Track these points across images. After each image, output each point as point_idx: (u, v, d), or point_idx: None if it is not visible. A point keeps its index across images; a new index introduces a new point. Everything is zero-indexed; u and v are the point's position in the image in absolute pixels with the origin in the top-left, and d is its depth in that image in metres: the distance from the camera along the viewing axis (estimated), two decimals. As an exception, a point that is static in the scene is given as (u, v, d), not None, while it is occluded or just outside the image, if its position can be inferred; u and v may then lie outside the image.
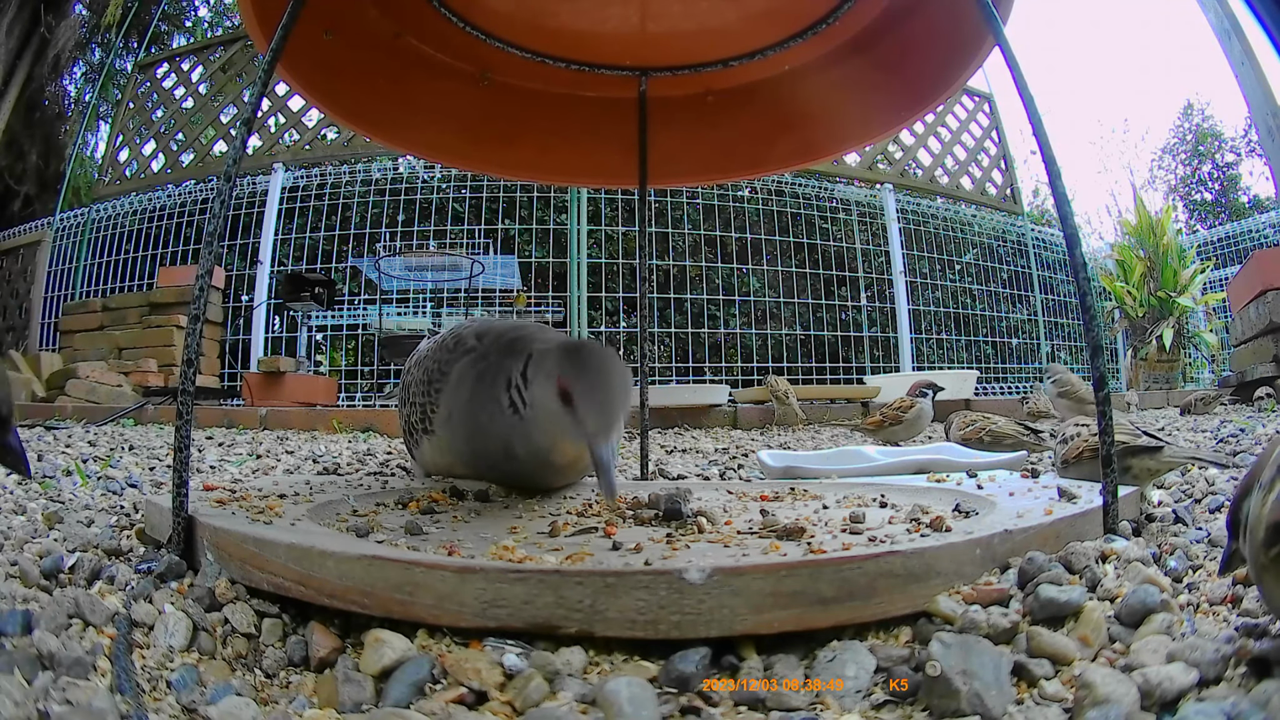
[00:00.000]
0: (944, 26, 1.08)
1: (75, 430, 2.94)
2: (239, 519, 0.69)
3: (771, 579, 0.50)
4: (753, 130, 1.37)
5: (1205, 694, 0.42)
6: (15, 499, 1.10)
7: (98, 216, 5.86)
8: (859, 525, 0.70)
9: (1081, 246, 0.80)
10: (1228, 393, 3.63)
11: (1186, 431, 2.21)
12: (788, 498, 0.93)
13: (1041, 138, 0.78)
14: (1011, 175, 6.37)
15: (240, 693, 0.47)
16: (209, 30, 9.82)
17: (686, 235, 5.64)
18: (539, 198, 5.32)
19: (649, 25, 1.20)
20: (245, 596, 0.59)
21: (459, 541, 0.68)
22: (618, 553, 0.63)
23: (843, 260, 5.78)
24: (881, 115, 1.28)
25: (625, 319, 5.74)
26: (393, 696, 0.46)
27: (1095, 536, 0.68)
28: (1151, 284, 6.09)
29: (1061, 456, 1.07)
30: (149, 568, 0.65)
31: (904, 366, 5.49)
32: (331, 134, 5.56)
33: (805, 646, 0.51)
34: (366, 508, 0.85)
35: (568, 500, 0.93)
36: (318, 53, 1.07)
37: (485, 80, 1.28)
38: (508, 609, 0.50)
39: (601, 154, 1.44)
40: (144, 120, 5.98)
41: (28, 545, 0.76)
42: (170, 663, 0.51)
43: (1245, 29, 3.56)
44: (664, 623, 0.49)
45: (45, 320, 5.76)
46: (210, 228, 0.76)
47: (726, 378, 5.12)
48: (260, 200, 5.35)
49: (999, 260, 6.28)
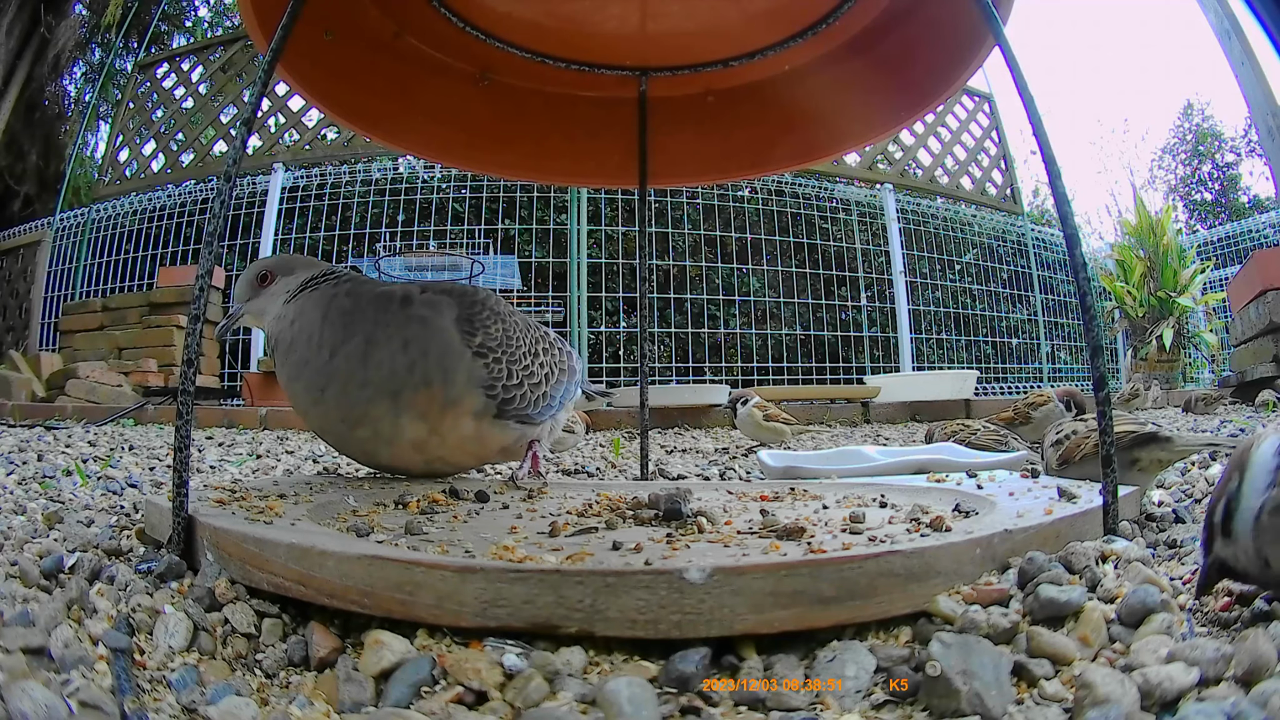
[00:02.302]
0: (944, 27, 1.08)
1: (75, 430, 2.94)
2: (239, 519, 0.69)
3: (772, 579, 0.50)
4: (753, 130, 1.37)
5: (1205, 694, 0.42)
6: (15, 499, 1.10)
7: (98, 216, 5.86)
8: (859, 525, 0.70)
9: (1081, 246, 0.80)
10: (1228, 392, 3.63)
11: (1187, 432, 2.21)
12: (788, 498, 0.93)
13: (1041, 138, 0.78)
14: (1011, 175, 6.38)
15: (240, 693, 0.47)
16: (209, 30, 9.83)
17: (686, 235, 5.64)
18: (539, 198, 5.32)
19: (649, 25, 1.20)
20: (245, 596, 0.59)
21: (459, 541, 0.68)
22: (618, 553, 0.63)
23: (843, 260, 5.78)
24: (881, 115, 1.28)
25: (625, 319, 5.74)
26: (393, 697, 0.46)
27: (1095, 536, 0.68)
28: (1151, 284, 6.09)
29: (1061, 456, 1.07)
30: (149, 568, 0.65)
31: (904, 366, 5.49)
32: (331, 134, 5.56)
33: (805, 646, 0.51)
34: (366, 508, 0.85)
35: (568, 500, 0.93)
36: (318, 53, 1.07)
37: (485, 80, 1.28)
38: (508, 609, 0.50)
39: (601, 154, 1.44)
40: (144, 120, 5.99)
41: (28, 545, 0.76)
42: (170, 663, 0.51)
43: (1245, 29, 3.56)
44: (664, 622, 0.49)
45: (45, 320, 5.76)
46: (210, 228, 0.76)
47: (726, 378, 5.12)
48: (260, 200, 5.35)
49: (999, 260, 6.28)
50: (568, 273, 5.21)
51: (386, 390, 0.98)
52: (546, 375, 1.11)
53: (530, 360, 1.09)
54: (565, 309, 5.19)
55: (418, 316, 1.01)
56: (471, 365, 1.01)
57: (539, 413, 1.10)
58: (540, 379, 1.10)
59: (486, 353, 1.03)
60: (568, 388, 1.19)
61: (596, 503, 0.89)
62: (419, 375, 0.99)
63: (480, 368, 1.02)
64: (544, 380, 1.11)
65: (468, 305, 1.06)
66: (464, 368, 1.01)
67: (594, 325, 5.43)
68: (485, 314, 1.06)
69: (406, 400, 0.98)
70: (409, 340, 0.99)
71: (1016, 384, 5.99)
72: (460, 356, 1.01)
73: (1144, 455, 0.94)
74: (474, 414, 1.02)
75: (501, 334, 1.06)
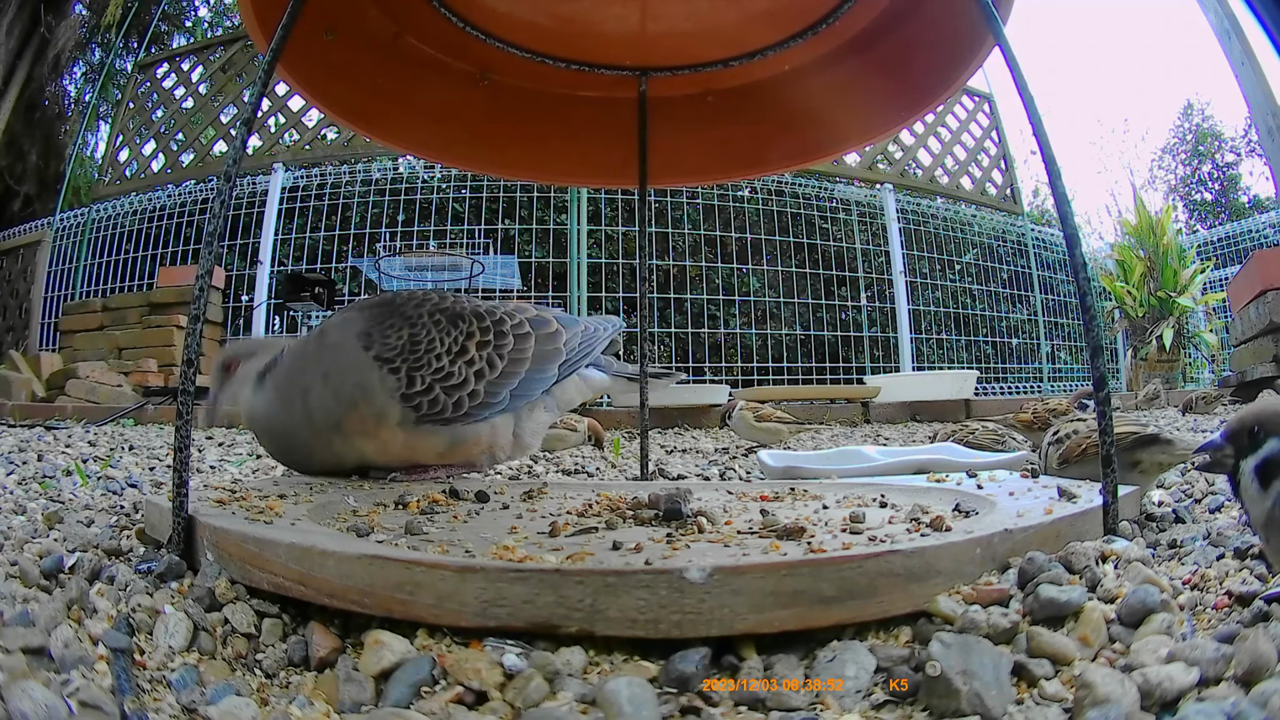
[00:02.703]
0: (944, 27, 1.08)
1: (75, 430, 2.94)
2: (239, 519, 0.69)
3: (772, 578, 0.50)
4: (753, 130, 1.37)
5: (1205, 694, 0.42)
6: (15, 499, 1.10)
7: (98, 216, 5.86)
8: (859, 525, 0.70)
9: (1081, 246, 0.80)
10: (1228, 392, 3.63)
11: (1187, 432, 2.21)
12: (788, 498, 0.93)
13: (1041, 138, 0.78)
14: (1011, 175, 6.38)
15: (240, 693, 0.47)
16: (209, 30, 9.83)
17: (686, 235, 5.64)
18: (539, 198, 5.32)
19: (649, 25, 1.20)
20: (245, 596, 0.59)
21: (459, 541, 0.68)
22: (618, 552, 0.63)
23: (843, 260, 5.78)
24: (881, 115, 1.28)
25: (625, 319, 5.73)
26: (393, 697, 0.46)
27: (1095, 536, 0.68)
28: (1151, 284, 6.09)
29: (1061, 455, 1.06)
30: (149, 568, 0.65)
31: (904, 366, 5.49)
32: (331, 134, 5.56)
33: (805, 646, 0.51)
34: (366, 507, 0.85)
35: (568, 500, 0.93)
36: (318, 53, 1.07)
37: (485, 80, 1.28)
38: (508, 608, 0.50)
39: (601, 154, 1.44)
40: (144, 120, 5.99)
41: (28, 545, 0.76)
42: (170, 663, 0.51)
43: (1245, 29, 3.56)
44: (664, 622, 0.49)
45: (45, 320, 5.76)
46: (210, 228, 0.76)
47: (726, 378, 5.12)
48: (260, 200, 5.35)
49: (999, 260, 6.28)
50: (568, 273, 5.21)
51: (330, 425, 1.02)
52: (478, 372, 1.06)
53: (448, 361, 1.05)
54: (565, 309, 5.19)
55: (330, 344, 1.05)
56: (383, 377, 1.02)
57: (470, 413, 1.06)
58: (464, 379, 1.05)
59: (385, 363, 1.03)
60: (534, 378, 1.11)
61: (596, 503, 0.89)
62: (345, 400, 1.02)
63: (389, 377, 1.02)
64: (472, 379, 1.06)
65: (373, 317, 1.06)
66: (376, 381, 1.02)
67: (594, 325, 5.43)
68: (389, 322, 1.06)
69: (348, 427, 1.03)
70: (328, 372, 1.03)
71: (1016, 384, 5.99)
72: (369, 370, 1.02)
73: (1145, 457, 0.94)
74: (398, 424, 1.03)
75: (406, 340, 1.04)
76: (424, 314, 1.08)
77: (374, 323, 1.06)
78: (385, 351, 1.03)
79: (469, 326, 1.08)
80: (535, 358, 1.11)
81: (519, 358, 1.10)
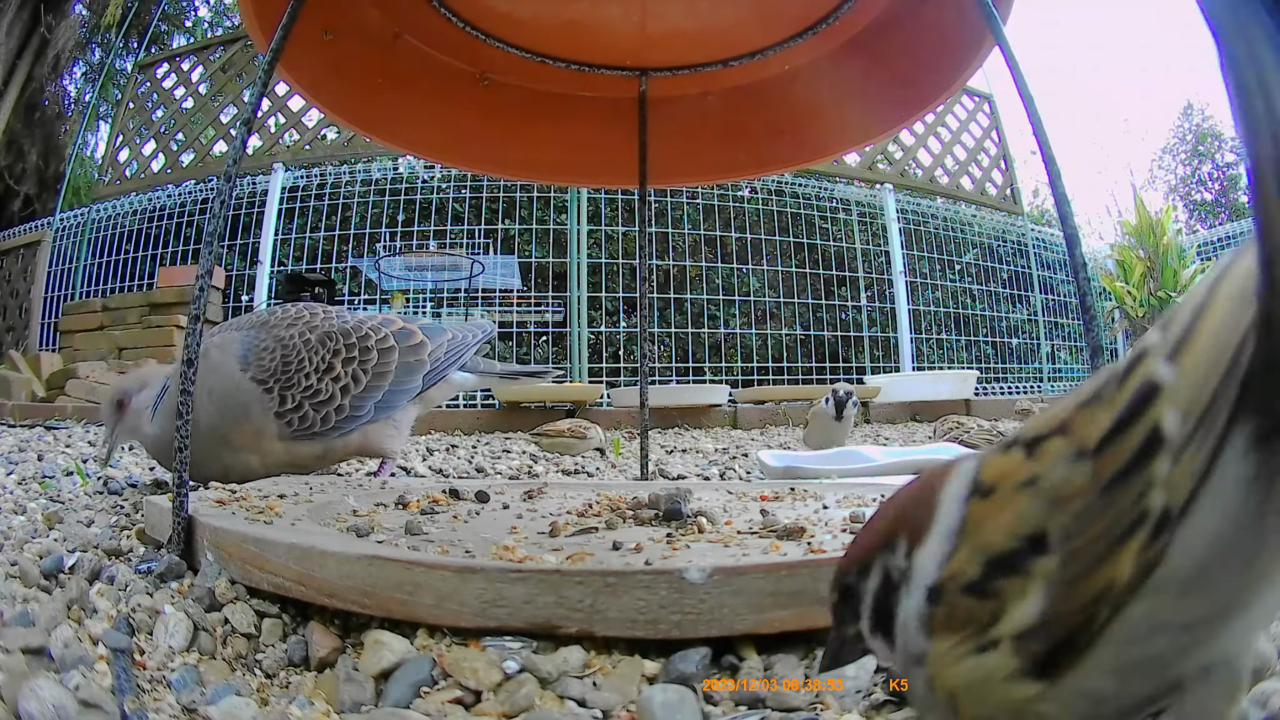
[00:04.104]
0: (944, 26, 1.08)
1: (75, 430, 2.94)
2: (239, 519, 0.69)
3: (772, 579, 0.50)
4: (753, 130, 1.36)
5: (1205, 694, 0.42)
6: (15, 499, 1.10)
7: (98, 216, 5.85)
8: (859, 525, 0.70)
9: (1081, 246, 0.80)
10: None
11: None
12: (788, 498, 0.93)
13: (1041, 138, 0.78)
14: (1011, 175, 6.37)
15: (240, 693, 0.47)
16: (209, 30, 9.83)
17: (686, 235, 5.64)
18: (539, 198, 5.32)
19: (649, 25, 1.20)
20: (245, 596, 0.59)
21: (459, 541, 0.68)
22: (618, 553, 0.63)
23: (843, 260, 5.78)
24: (881, 115, 1.27)
25: (625, 319, 5.74)
26: (393, 697, 0.46)
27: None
28: (1151, 284, 6.09)
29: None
30: (149, 568, 0.65)
31: (904, 366, 5.49)
32: (331, 134, 5.56)
33: (805, 646, 0.51)
34: (366, 508, 0.85)
35: (568, 500, 0.93)
36: (318, 53, 1.07)
37: (485, 80, 1.28)
38: (508, 609, 0.50)
39: (601, 154, 1.44)
40: (144, 120, 5.98)
41: (28, 545, 0.76)
42: (170, 663, 0.51)
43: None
44: (664, 622, 0.49)
45: (45, 320, 5.76)
46: (210, 228, 0.76)
47: (726, 378, 5.11)
48: (260, 200, 5.35)
49: (999, 260, 6.27)
50: (568, 273, 5.21)
51: (218, 440, 1.10)
52: (344, 388, 1.16)
53: (316, 379, 1.15)
54: (565, 309, 5.19)
55: (213, 363, 1.12)
56: (259, 397, 1.12)
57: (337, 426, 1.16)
58: (331, 394, 1.15)
59: (260, 384, 1.13)
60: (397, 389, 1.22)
61: (596, 503, 0.89)
62: (229, 416, 1.11)
63: (264, 396, 1.12)
64: (338, 394, 1.16)
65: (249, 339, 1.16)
66: (254, 399, 1.12)
67: (594, 325, 5.43)
68: (264, 343, 1.15)
69: (236, 441, 1.12)
70: (212, 389, 1.11)
71: (1017, 384, 5.99)
72: (249, 390, 1.12)
73: None
74: (277, 437, 1.13)
75: (279, 361, 1.14)
76: (295, 334, 1.18)
77: (249, 344, 1.15)
78: (260, 374, 1.13)
79: (335, 344, 1.19)
80: (399, 371, 1.23)
81: (382, 371, 1.21)
